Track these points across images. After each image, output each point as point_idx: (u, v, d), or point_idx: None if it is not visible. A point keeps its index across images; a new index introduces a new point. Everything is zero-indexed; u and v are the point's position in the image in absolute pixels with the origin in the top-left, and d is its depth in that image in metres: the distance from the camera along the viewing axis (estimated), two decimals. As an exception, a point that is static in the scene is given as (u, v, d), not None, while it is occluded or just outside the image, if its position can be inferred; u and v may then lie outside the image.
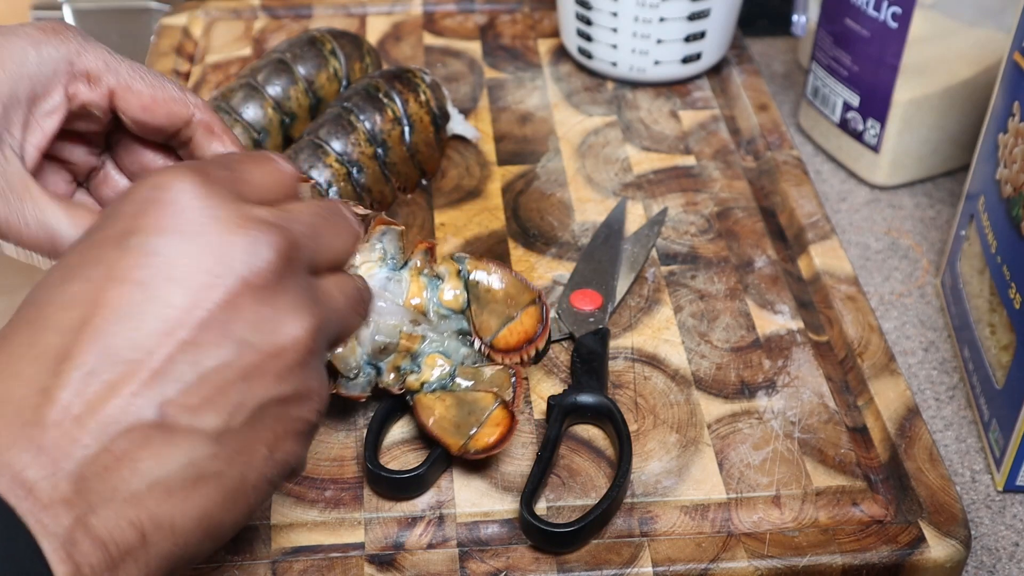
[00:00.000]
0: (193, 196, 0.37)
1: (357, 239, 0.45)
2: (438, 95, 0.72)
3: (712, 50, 0.82)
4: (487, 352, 0.55)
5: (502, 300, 0.56)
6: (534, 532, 0.51)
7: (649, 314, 0.64)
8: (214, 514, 0.37)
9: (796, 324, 0.63)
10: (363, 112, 0.68)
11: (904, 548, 0.51)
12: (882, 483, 0.55)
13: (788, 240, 0.70)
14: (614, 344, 0.62)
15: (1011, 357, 0.58)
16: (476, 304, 0.55)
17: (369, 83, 0.70)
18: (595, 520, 0.51)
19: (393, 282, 0.53)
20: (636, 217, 0.70)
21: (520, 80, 0.84)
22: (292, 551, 0.51)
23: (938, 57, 0.76)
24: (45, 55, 0.48)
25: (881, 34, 0.74)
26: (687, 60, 0.81)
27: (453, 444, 0.53)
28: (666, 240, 0.69)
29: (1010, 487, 0.59)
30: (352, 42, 0.75)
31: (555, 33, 0.89)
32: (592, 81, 0.84)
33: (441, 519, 0.53)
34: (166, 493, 0.35)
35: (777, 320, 0.63)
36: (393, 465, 0.54)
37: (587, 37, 0.82)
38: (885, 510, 0.54)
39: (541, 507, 0.53)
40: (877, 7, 0.73)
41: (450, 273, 0.55)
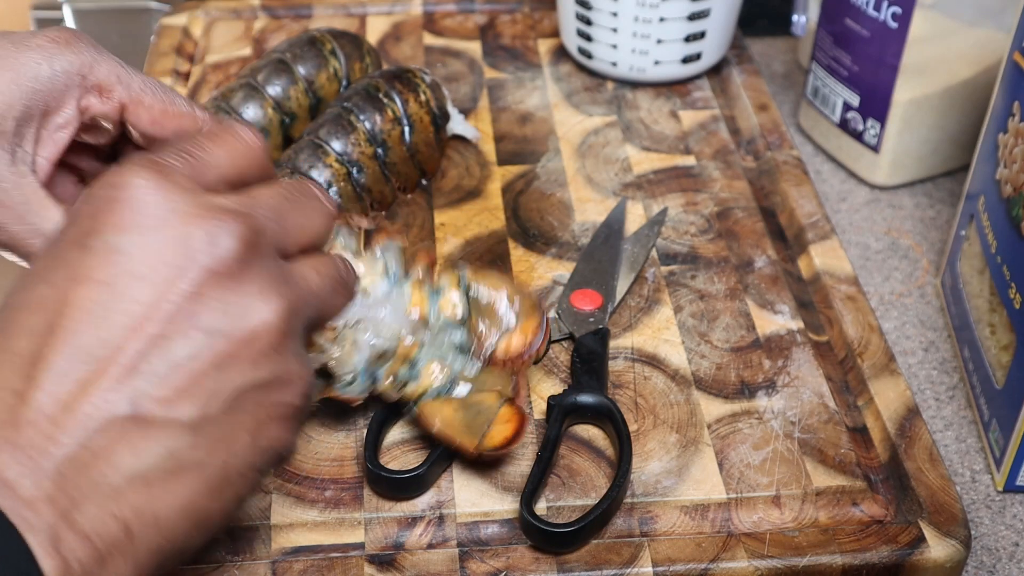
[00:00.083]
0: (149, 191, 0.37)
1: (331, 218, 0.45)
2: (438, 95, 0.72)
3: (712, 50, 0.82)
4: (486, 361, 0.56)
5: (501, 311, 0.56)
6: (534, 532, 0.51)
7: (649, 314, 0.64)
8: (199, 504, 0.37)
9: (796, 324, 0.63)
10: (363, 112, 0.68)
11: (904, 548, 0.51)
12: (882, 483, 0.55)
13: (788, 240, 0.70)
14: (614, 344, 0.62)
15: (1011, 357, 0.58)
16: (476, 315, 0.55)
17: (369, 83, 0.70)
18: (595, 520, 0.51)
19: (395, 294, 0.53)
20: (636, 217, 0.70)
21: (520, 80, 0.84)
22: (292, 551, 0.51)
23: (938, 57, 0.76)
24: (58, 68, 0.47)
25: (881, 34, 0.74)
26: (687, 60, 0.81)
27: (469, 443, 0.52)
28: (666, 240, 0.69)
29: (1010, 487, 0.59)
30: (352, 42, 0.75)
31: (555, 33, 0.89)
32: (592, 81, 0.84)
33: (441, 519, 0.53)
34: (146, 485, 0.35)
35: (777, 320, 0.63)
36: (393, 465, 0.54)
37: (587, 37, 0.82)
38: (885, 510, 0.54)
39: (541, 507, 0.53)
40: (877, 7, 0.73)
41: (450, 284, 0.55)
